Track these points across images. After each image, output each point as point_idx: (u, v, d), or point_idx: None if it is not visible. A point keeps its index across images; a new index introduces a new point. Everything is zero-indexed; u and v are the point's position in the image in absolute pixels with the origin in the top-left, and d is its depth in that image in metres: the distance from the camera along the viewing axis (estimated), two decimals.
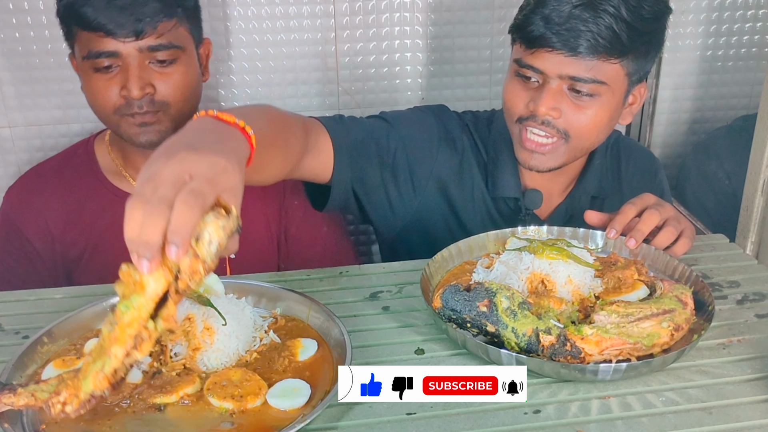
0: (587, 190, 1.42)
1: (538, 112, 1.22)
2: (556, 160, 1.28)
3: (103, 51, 1.28)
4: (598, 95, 1.22)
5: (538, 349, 0.92)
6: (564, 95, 1.22)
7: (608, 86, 1.21)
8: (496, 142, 1.40)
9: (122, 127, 1.34)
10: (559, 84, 1.21)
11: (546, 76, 1.22)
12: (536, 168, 1.29)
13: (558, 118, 1.22)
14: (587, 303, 1.01)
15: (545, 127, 1.24)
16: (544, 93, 1.22)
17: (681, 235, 1.17)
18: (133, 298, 0.72)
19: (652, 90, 1.96)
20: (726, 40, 1.96)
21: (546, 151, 1.26)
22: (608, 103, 1.24)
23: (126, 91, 1.29)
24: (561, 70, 1.20)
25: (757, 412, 0.87)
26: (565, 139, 1.25)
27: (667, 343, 0.94)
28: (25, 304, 1.13)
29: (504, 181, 1.38)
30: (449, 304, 0.97)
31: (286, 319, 1.04)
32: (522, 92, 1.26)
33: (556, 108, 1.22)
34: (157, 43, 1.29)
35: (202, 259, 0.71)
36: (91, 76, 1.31)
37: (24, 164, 1.78)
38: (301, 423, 0.80)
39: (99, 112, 1.35)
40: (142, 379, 0.91)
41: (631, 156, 1.51)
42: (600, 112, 1.24)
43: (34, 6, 1.66)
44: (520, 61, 1.24)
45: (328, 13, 1.77)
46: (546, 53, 1.20)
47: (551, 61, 1.20)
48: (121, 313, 0.73)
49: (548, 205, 1.42)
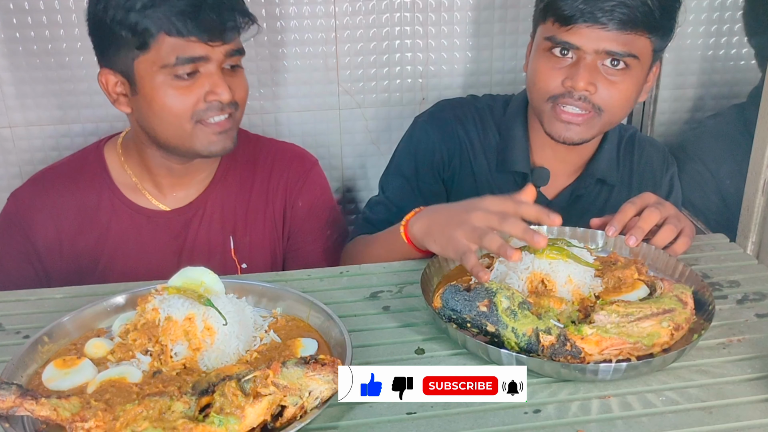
0: (594, 174, 1.45)
1: (576, 87, 1.26)
2: (589, 132, 1.33)
3: (195, 56, 1.25)
4: (630, 69, 1.27)
5: (538, 348, 0.92)
6: (598, 71, 1.27)
7: (639, 60, 1.27)
8: (510, 122, 1.45)
9: (197, 137, 1.31)
10: (593, 59, 1.26)
11: (582, 52, 1.26)
12: (570, 140, 1.33)
13: (594, 93, 1.27)
14: (587, 303, 1.01)
15: (581, 102, 1.28)
16: (581, 69, 1.26)
17: (681, 233, 1.17)
18: (230, 418, 0.77)
19: (652, 90, 1.96)
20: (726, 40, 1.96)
21: (581, 122, 1.30)
22: (637, 77, 1.29)
23: (214, 95, 1.27)
24: (598, 45, 1.24)
25: (757, 411, 0.87)
26: (598, 113, 1.29)
27: (667, 343, 0.94)
28: (25, 303, 1.13)
29: (514, 157, 1.43)
30: (449, 304, 0.97)
31: (286, 318, 1.04)
32: (555, 70, 1.29)
33: (593, 83, 1.26)
34: (236, 47, 1.30)
35: (304, 410, 0.81)
36: (169, 84, 1.26)
37: (25, 164, 1.78)
38: (301, 423, 0.80)
39: (174, 121, 1.30)
40: (143, 378, 0.91)
41: (645, 150, 1.55)
42: (631, 87, 1.29)
43: (34, 6, 1.66)
44: (554, 38, 1.28)
45: (328, 13, 1.77)
46: (584, 29, 1.24)
47: (588, 36, 1.24)
48: (210, 421, 0.77)
49: (556, 185, 1.46)
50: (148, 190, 1.44)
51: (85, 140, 1.71)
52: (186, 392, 0.82)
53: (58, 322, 0.99)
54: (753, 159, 1.24)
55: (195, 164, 1.42)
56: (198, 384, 0.83)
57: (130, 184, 1.44)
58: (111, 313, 1.04)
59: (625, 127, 1.58)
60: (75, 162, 1.48)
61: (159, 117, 1.29)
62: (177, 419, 0.77)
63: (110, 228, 1.43)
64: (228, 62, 1.31)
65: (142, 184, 1.44)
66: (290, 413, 0.80)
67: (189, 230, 1.45)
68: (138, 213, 1.43)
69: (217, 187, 1.47)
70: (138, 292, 1.05)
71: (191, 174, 1.44)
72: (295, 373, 0.82)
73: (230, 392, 0.79)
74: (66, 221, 1.43)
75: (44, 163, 1.63)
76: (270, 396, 0.79)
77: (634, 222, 1.15)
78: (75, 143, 1.74)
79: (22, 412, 0.79)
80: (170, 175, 1.43)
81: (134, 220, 1.43)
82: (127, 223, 1.43)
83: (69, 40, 1.70)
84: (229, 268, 1.45)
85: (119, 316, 1.04)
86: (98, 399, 0.83)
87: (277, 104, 1.85)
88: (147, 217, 1.43)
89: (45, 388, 0.90)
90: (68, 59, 1.71)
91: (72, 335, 1.00)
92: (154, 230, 1.44)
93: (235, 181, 1.48)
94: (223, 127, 1.31)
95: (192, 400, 0.81)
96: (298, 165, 1.52)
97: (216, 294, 0.98)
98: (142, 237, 1.43)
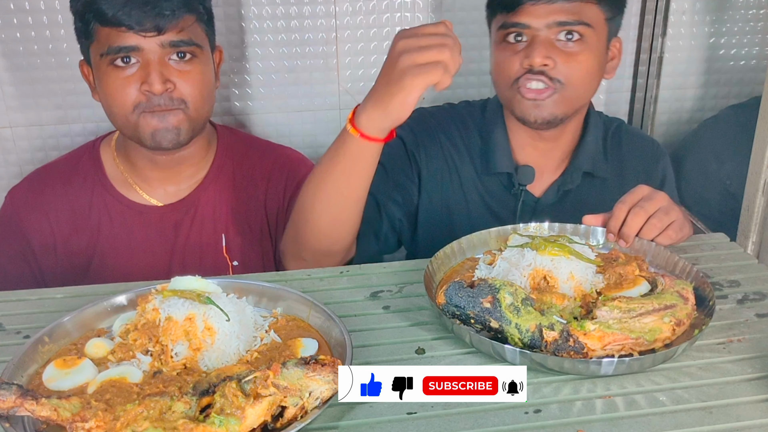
0: (580, 167, 1.46)
1: (533, 63, 1.29)
2: (558, 107, 1.34)
3: (123, 46, 1.27)
4: (585, 39, 1.30)
5: (541, 344, 0.92)
6: (554, 45, 1.30)
7: (593, 29, 1.30)
8: (489, 124, 1.47)
9: (141, 126, 1.32)
10: (547, 34, 1.29)
11: (533, 30, 1.29)
12: (540, 117, 1.34)
13: (553, 67, 1.29)
14: (589, 299, 1.02)
15: (542, 77, 1.30)
16: (535, 45, 1.29)
17: (668, 226, 1.18)
18: (230, 419, 0.77)
19: (653, 90, 1.96)
20: (726, 40, 1.96)
21: (546, 97, 1.32)
22: (595, 47, 1.32)
23: (147, 85, 1.28)
24: (548, 19, 1.27)
25: (758, 411, 0.87)
26: (560, 87, 1.31)
27: (669, 338, 0.94)
28: (26, 303, 1.13)
29: (497, 158, 1.44)
30: (453, 301, 0.97)
31: (286, 318, 1.04)
32: (513, 56, 1.33)
33: (549, 57, 1.29)
34: (177, 39, 1.29)
35: (305, 410, 0.81)
36: (109, 74, 1.29)
37: (25, 164, 1.78)
38: (301, 423, 0.80)
39: (117, 112, 1.33)
40: (143, 378, 0.91)
41: (634, 141, 1.56)
42: (590, 57, 1.32)
43: (35, 6, 1.66)
44: (505, 24, 1.32)
45: (329, 13, 1.77)
46: (530, 7, 1.28)
47: (536, 12, 1.28)
48: (210, 422, 0.77)
49: (542, 182, 1.47)
50: (139, 186, 1.45)
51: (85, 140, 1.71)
52: (186, 392, 0.82)
53: (59, 322, 0.99)
54: (753, 159, 1.24)
55: (181, 158, 1.44)
56: (199, 384, 0.83)
57: (123, 180, 1.46)
58: (111, 313, 1.04)
59: (610, 118, 1.58)
60: (70, 160, 1.50)
61: (108, 107, 1.34)
62: (177, 419, 0.77)
63: (104, 224, 1.44)
64: (170, 53, 1.30)
65: (133, 179, 1.46)
66: (291, 414, 0.80)
67: (181, 227, 1.45)
68: (130, 208, 1.44)
69: (209, 186, 1.48)
70: (138, 291, 1.05)
71: (177, 167, 1.45)
72: (296, 373, 0.82)
73: (231, 393, 0.79)
74: (61, 218, 1.44)
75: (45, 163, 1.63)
76: (270, 397, 0.79)
77: None
78: (76, 143, 1.74)
79: (22, 412, 0.79)
80: (156, 168, 1.44)
81: (127, 215, 1.45)
82: (121, 219, 1.44)
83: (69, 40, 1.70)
84: (220, 266, 1.46)
85: (120, 316, 1.04)
86: (99, 399, 0.83)
87: (277, 104, 1.85)
88: (139, 213, 1.44)
89: (45, 388, 0.90)
90: (69, 59, 1.71)
91: (72, 335, 1.00)
92: (146, 226, 1.45)
93: (228, 180, 1.49)
94: (169, 122, 1.32)
95: (193, 401, 0.81)
96: (296, 170, 1.53)
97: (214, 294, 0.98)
98: (135, 233, 1.45)
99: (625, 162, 1.52)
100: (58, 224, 1.43)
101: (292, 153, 1.58)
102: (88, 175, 1.46)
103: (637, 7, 1.92)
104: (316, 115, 1.88)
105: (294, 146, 1.62)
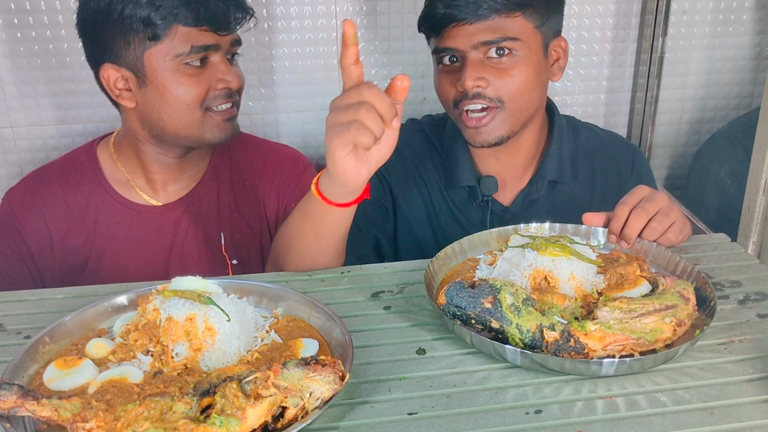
0: (545, 176, 1.46)
1: (466, 87, 1.29)
2: (501, 128, 1.33)
3: (208, 44, 1.31)
4: (515, 53, 1.29)
5: (542, 345, 0.92)
6: (484, 64, 1.29)
7: (521, 42, 1.28)
8: (449, 138, 1.47)
9: (206, 125, 1.35)
10: (476, 56, 1.29)
11: (462, 53, 1.29)
12: (486, 142, 1.34)
13: (486, 87, 1.29)
14: (590, 299, 1.02)
15: (478, 99, 1.29)
16: (466, 68, 1.29)
17: (668, 229, 1.17)
18: (231, 419, 0.77)
19: (653, 90, 1.96)
20: (727, 40, 1.96)
21: (487, 122, 1.32)
22: (528, 59, 1.30)
23: (224, 83, 1.33)
24: (472, 40, 1.27)
25: (759, 412, 0.87)
26: (501, 105, 1.31)
27: (670, 338, 0.94)
28: (27, 304, 1.13)
29: (459, 172, 1.45)
30: (454, 301, 0.97)
31: (287, 319, 1.04)
32: (448, 78, 1.33)
33: (482, 78, 1.28)
34: (238, 38, 1.37)
35: (305, 410, 0.81)
36: (182, 73, 1.31)
37: (26, 164, 1.78)
38: (302, 423, 0.80)
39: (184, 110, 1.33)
40: (144, 378, 0.91)
41: (606, 145, 1.54)
42: (524, 70, 1.30)
43: (36, 6, 1.66)
44: (436, 50, 1.33)
45: (329, 13, 1.77)
46: (454, 30, 1.28)
47: (461, 35, 1.28)
48: (211, 422, 0.77)
49: (509, 190, 1.48)
50: (139, 186, 1.46)
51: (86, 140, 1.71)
52: (187, 393, 0.82)
53: (59, 323, 0.99)
54: (754, 159, 1.24)
55: (189, 158, 1.45)
56: (199, 385, 0.83)
57: (122, 181, 1.46)
58: (112, 313, 1.04)
59: (580, 123, 1.57)
60: (67, 161, 1.50)
61: (171, 107, 1.33)
62: (178, 420, 0.77)
63: (101, 223, 1.45)
64: (231, 51, 1.37)
65: (134, 180, 1.46)
66: (291, 414, 0.80)
67: (180, 225, 1.46)
68: (129, 208, 1.45)
69: (208, 184, 1.48)
70: (139, 292, 1.05)
71: (185, 168, 1.47)
72: (296, 374, 0.82)
73: (231, 393, 0.79)
74: (58, 218, 1.44)
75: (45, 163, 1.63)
76: (271, 397, 0.79)
77: None
78: (76, 143, 1.74)
79: (23, 412, 0.79)
80: (164, 170, 1.45)
81: (125, 215, 1.45)
82: (118, 219, 1.45)
83: (70, 41, 1.70)
84: (219, 264, 1.46)
85: (120, 316, 1.04)
86: (99, 399, 0.83)
87: (278, 104, 1.85)
88: (138, 212, 1.45)
89: (46, 388, 0.90)
90: (69, 59, 1.72)
91: (73, 335, 1.00)
92: (145, 225, 1.45)
93: (226, 178, 1.50)
94: (230, 113, 1.37)
95: (193, 401, 0.81)
96: (292, 167, 1.53)
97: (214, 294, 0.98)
98: (133, 232, 1.45)
99: (596, 167, 1.51)
100: (54, 224, 1.44)
101: (288, 150, 1.58)
102: (86, 176, 1.46)
103: (637, 7, 1.92)
104: (317, 115, 1.88)
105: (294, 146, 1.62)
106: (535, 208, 1.46)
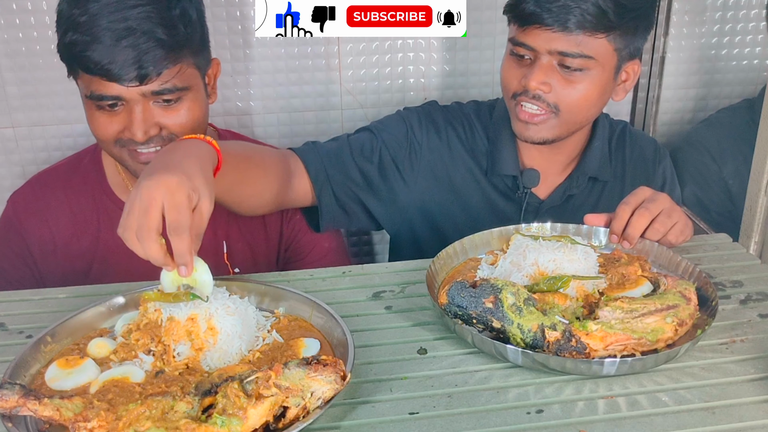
0: (586, 172, 1.47)
1: (529, 86, 1.30)
2: (549, 132, 1.35)
3: (106, 95, 1.24)
4: (588, 70, 1.29)
5: (543, 344, 0.92)
6: (554, 70, 1.29)
7: (596, 61, 1.28)
8: (497, 126, 1.47)
9: (125, 159, 1.31)
10: (549, 60, 1.29)
11: (537, 53, 1.29)
12: (531, 139, 1.36)
13: (548, 92, 1.30)
14: (591, 299, 1.02)
15: (536, 101, 1.31)
16: (535, 69, 1.29)
17: (671, 229, 1.17)
18: (232, 419, 0.77)
19: (654, 90, 1.96)
20: (728, 39, 1.95)
21: (538, 121, 1.33)
22: (598, 77, 1.31)
23: (129, 133, 1.26)
24: (550, 46, 1.27)
25: (760, 412, 0.87)
26: (556, 112, 1.32)
27: (671, 338, 0.94)
28: (28, 303, 1.13)
29: (503, 161, 1.45)
30: (455, 301, 0.97)
31: (288, 318, 1.04)
32: (516, 69, 1.33)
33: (546, 83, 1.29)
34: (161, 88, 1.25)
35: (307, 410, 0.81)
36: (93, 112, 1.28)
37: (28, 164, 1.78)
38: (303, 423, 0.80)
39: (100, 142, 1.33)
40: (146, 378, 0.91)
41: (636, 144, 1.56)
42: (590, 87, 1.31)
43: (37, 6, 1.66)
44: (513, 40, 1.33)
45: None
46: (537, 30, 1.27)
47: (541, 37, 1.27)
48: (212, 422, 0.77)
49: (547, 184, 1.48)
50: None
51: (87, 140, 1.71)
52: (189, 392, 0.82)
53: (61, 322, 0.99)
54: (756, 158, 1.24)
55: None
56: (201, 384, 0.83)
57: (124, 186, 1.45)
58: (114, 312, 1.04)
59: (615, 121, 1.58)
60: (71, 164, 1.49)
61: (93, 135, 1.32)
62: (180, 419, 0.78)
63: (105, 228, 1.43)
64: (155, 99, 1.26)
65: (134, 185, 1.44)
66: (292, 414, 0.80)
67: None
68: None
69: None
70: (140, 292, 1.05)
71: None
72: (297, 374, 0.82)
73: (233, 393, 0.79)
74: (62, 223, 1.43)
75: (47, 164, 1.63)
76: (272, 397, 0.79)
77: None
78: (78, 143, 1.74)
79: (25, 412, 0.79)
80: None
81: None
82: None
83: None
84: (221, 272, 1.45)
85: (122, 315, 1.04)
86: (101, 399, 0.83)
87: (279, 104, 1.85)
88: None
89: (48, 387, 0.90)
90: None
91: (75, 335, 1.00)
92: None
93: None
94: (148, 156, 1.28)
95: (195, 401, 0.81)
96: None
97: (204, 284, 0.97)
98: None
99: (627, 165, 1.53)
100: (58, 229, 1.43)
101: None
102: (89, 180, 1.45)
103: None
104: (318, 115, 1.88)
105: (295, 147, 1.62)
106: (571, 203, 1.46)
